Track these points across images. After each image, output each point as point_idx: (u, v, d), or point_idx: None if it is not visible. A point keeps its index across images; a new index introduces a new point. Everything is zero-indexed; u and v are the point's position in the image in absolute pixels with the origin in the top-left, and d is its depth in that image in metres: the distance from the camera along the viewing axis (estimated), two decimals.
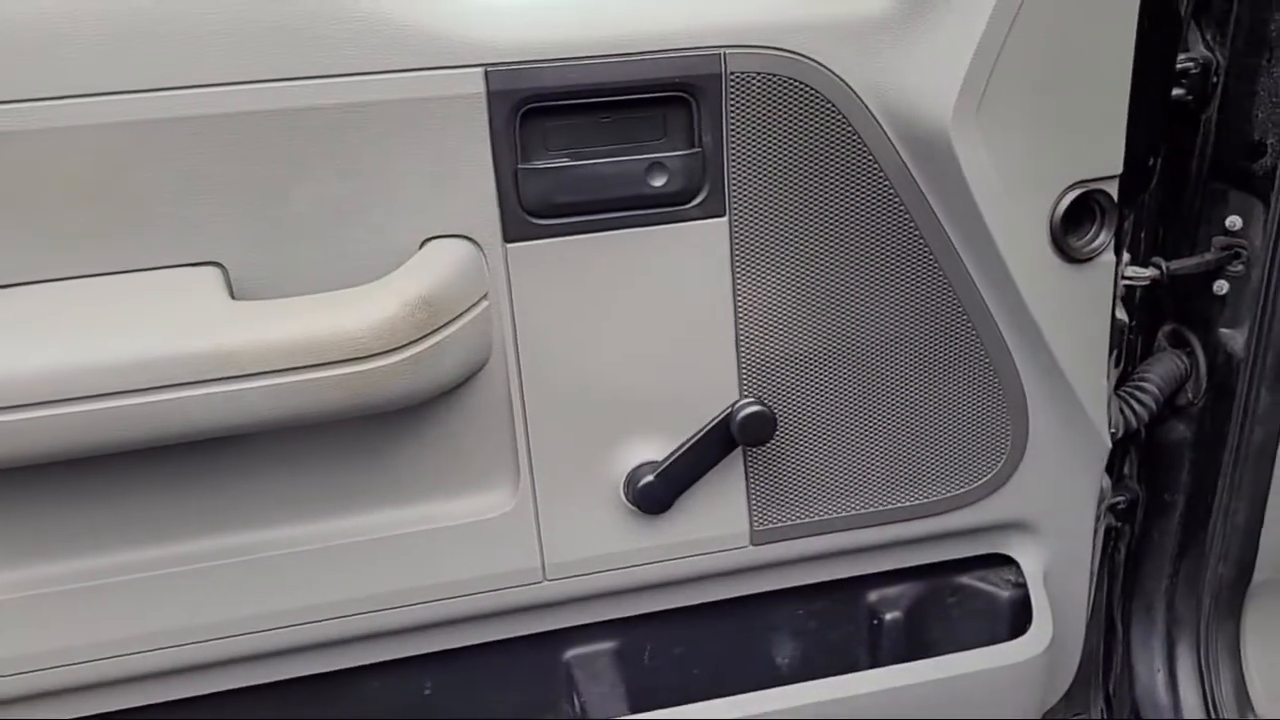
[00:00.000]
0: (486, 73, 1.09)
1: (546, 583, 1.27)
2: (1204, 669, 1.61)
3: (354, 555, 1.22)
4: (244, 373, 1.03)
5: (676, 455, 1.24)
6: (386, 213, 1.12)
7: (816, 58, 1.15)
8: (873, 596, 1.45)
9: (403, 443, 1.21)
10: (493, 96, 1.09)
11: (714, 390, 1.25)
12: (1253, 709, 1.59)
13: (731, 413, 1.23)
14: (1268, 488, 1.51)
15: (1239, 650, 1.61)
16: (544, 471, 1.23)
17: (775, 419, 1.23)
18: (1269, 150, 1.37)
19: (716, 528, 1.30)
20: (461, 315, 1.12)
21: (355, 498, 1.22)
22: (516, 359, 1.19)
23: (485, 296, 1.15)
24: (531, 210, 1.14)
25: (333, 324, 1.05)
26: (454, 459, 1.23)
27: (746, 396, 1.25)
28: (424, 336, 1.07)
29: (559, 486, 1.24)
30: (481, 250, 1.14)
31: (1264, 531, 1.53)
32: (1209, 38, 1.44)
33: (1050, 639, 1.39)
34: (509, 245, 1.15)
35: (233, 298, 1.08)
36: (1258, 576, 1.57)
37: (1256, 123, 1.38)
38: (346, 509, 1.23)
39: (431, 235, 1.13)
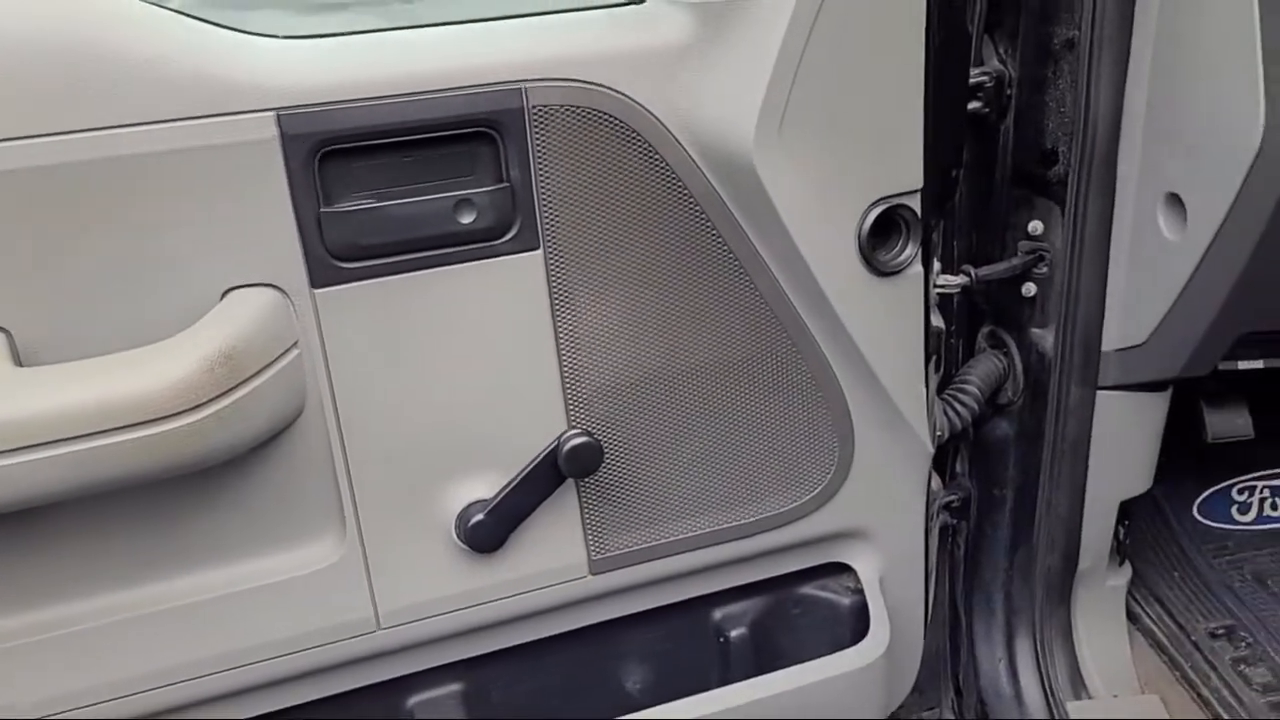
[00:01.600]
0: (279, 117, 1.06)
1: (381, 631, 1.25)
2: (1041, 655, 1.67)
3: (177, 620, 1.17)
4: (36, 442, 0.98)
5: (506, 492, 1.23)
6: (185, 265, 1.08)
7: (618, 88, 1.16)
8: (718, 615, 1.47)
9: (221, 499, 1.17)
10: (287, 141, 1.07)
11: (541, 423, 1.24)
12: (1086, 689, 1.66)
13: (558, 445, 1.23)
14: (1085, 480, 1.58)
15: (1071, 635, 1.68)
16: (371, 518, 1.21)
17: (601, 449, 1.23)
18: (1061, 158, 1.44)
19: (553, 560, 1.29)
20: (269, 367, 1.09)
21: (175, 559, 1.18)
22: (334, 406, 1.16)
23: (295, 345, 1.12)
24: (337, 254, 1.12)
25: (129, 385, 1.01)
26: (275, 512, 1.19)
27: (574, 428, 1.25)
28: (227, 392, 1.04)
29: (387, 532, 1.22)
30: (288, 298, 1.11)
31: (1084, 521, 1.61)
32: (1002, 52, 1.50)
33: (888, 641, 1.42)
34: (317, 291, 1.12)
35: (19, 364, 1.03)
36: (1082, 564, 1.64)
37: (1048, 132, 1.45)
38: (167, 572, 1.18)
39: (233, 285, 1.10)
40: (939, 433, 1.52)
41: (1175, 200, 1.34)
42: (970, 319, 1.68)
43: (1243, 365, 1.45)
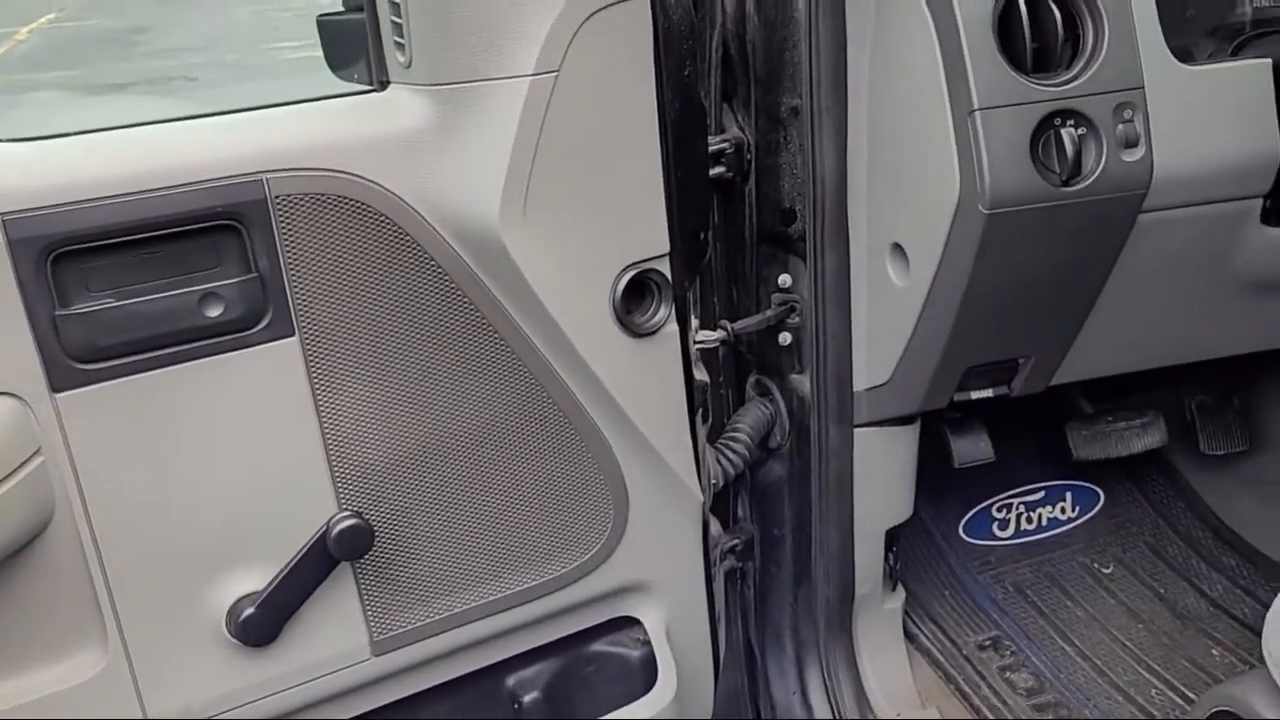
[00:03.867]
0: (4, 222, 1.04)
1: None
2: (828, 682, 1.75)
3: None
4: None
5: (276, 582, 1.21)
6: None
7: (361, 174, 1.18)
8: (511, 681, 1.48)
9: None
10: (14, 246, 1.04)
11: (310, 509, 1.24)
12: (872, 709, 1.75)
13: (327, 530, 1.22)
14: (852, 513, 1.68)
15: (855, 660, 1.77)
16: (134, 624, 1.17)
17: (372, 529, 1.23)
18: (799, 216, 1.54)
19: (333, 645, 1.28)
20: (8, 477, 1.05)
21: None
22: (85, 511, 1.13)
23: (38, 453, 1.09)
24: (78, 356, 1.09)
25: None
26: (29, 626, 1.14)
27: (344, 510, 1.25)
28: None
29: (154, 637, 1.18)
30: (27, 405, 1.08)
31: (856, 552, 1.71)
32: (739, 119, 1.61)
33: (676, 688, 1.47)
34: (57, 395, 1.09)
35: None
36: (859, 592, 1.74)
37: (785, 192, 1.56)
38: None
39: None
40: (714, 481, 1.60)
41: (899, 250, 1.46)
42: (738, 369, 1.77)
43: (975, 395, 1.58)
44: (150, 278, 1.12)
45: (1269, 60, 1.34)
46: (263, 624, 1.21)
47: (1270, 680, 1.13)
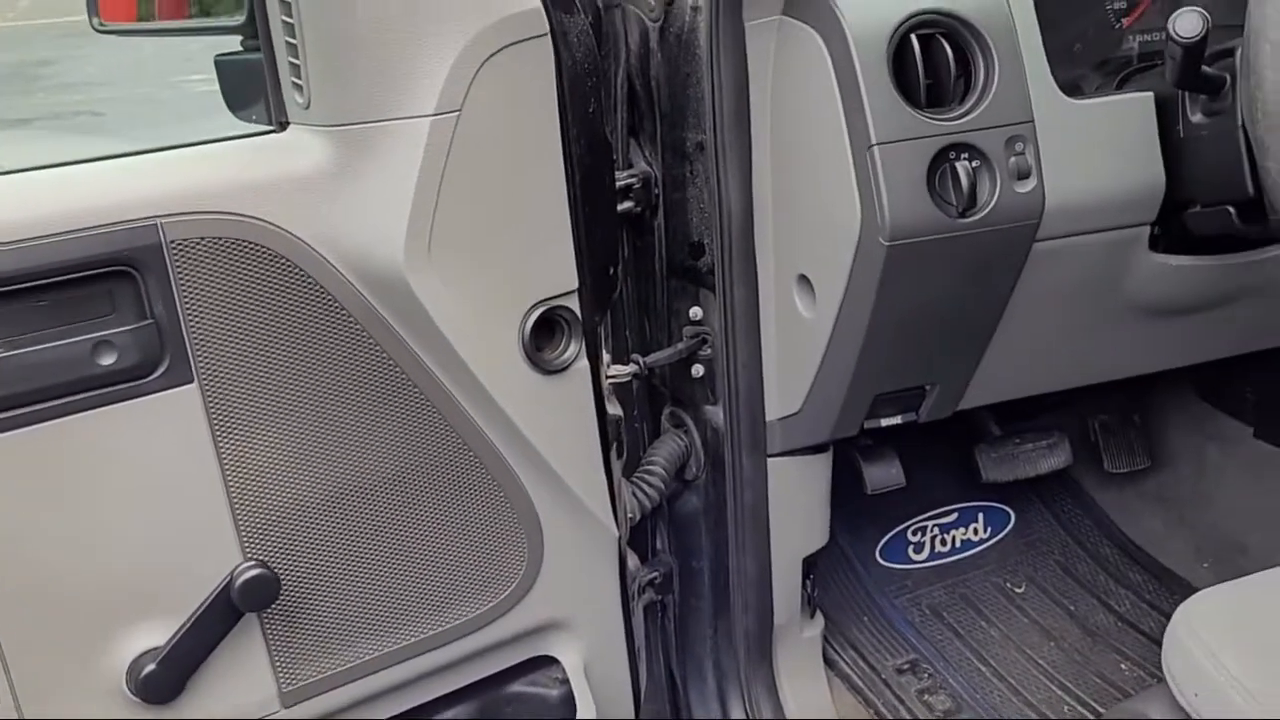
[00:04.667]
0: None
1: None
2: (750, 712, 1.76)
3: None
4: None
5: (178, 637, 1.18)
6: None
7: (261, 216, 1.17)
8: None
9: None
10: None
11: (214, 559, 1.21)
12: None
13: (230, 581, 1.20)
14: (768, 542, 1.69)
15: (776, 689, 1.78)
16: (28, 686, 1.13)
17: (278, 579, 1.21)
18: (707, 249, 1.56)
19: (241, 698, 1.25)
20: None
21: None
22: None
23: None
24: None
25: None
26: None
27: (248, 560, 1.22)
28: None
29: (48, 699, 1.14)
30: None
31: (774, 581, 1.72)
32: (647, 154, 1.62)
33: None
34: None
35: None
36: (778, 621, 1.75)
37: (694, 226, 1.57)
38: None
39: None
40: (631, 515, 1.59)
41: (806, 281, 1.48)
42: (652, 402, 1.78)
43: (885, 423, 1.61)
44: (41, 326, 1.09)
45: (1151, 93, 1.39)
46: (165, 680, 1.17)
47: (1170, 696, 1.16)
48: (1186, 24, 1.15)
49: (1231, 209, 1.32)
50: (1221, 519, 2.03)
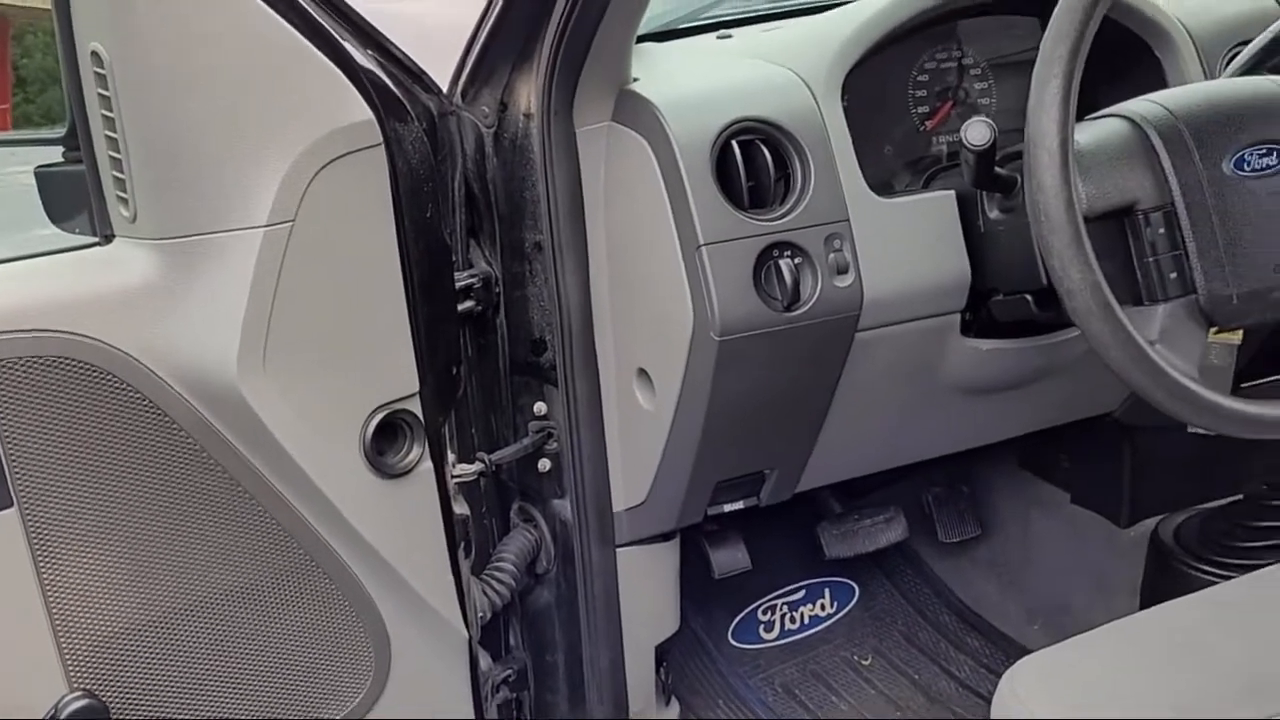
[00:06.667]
0: None
1: None
2: None
3: None
4: None
5: None
6: None
7: (86, 333, 1.14)
8: None
9: None
10: None
11: (37, 691, 1.15)
12: None
13: (55, 714, 1.14)
14: (620, 632, 1.70)
15: None
16: None
17: (105, 707, 1.16)
18: (548, 345, 1.59)
19: None
20: None
21: None
22: None
23: None
24: None
25: None
26: None
27: (75, 690, 1.17)
28: None
29: None
30: None
31: (627, 670, 1.73)
32: (487, 254, 1.65)
33: None
34: None
35: None
36: (632, 711, 1.75)
37: (535, 323, 1.60)
38: None
39: None
40: (482, 614, 1.59)
41: (645, 375, 1.52)
42: (500, 498, 1.78)
43: (728, 508, 1.65)
44: None
45: (952, 192, 1.50)
46: None
47: None
48: (976, 133, 1.25)
49: (1029, 297, 1.43)
50: (1047, 581, 2.15)
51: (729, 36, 1.79)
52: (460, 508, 1.54)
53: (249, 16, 1.15)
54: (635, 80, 1.48)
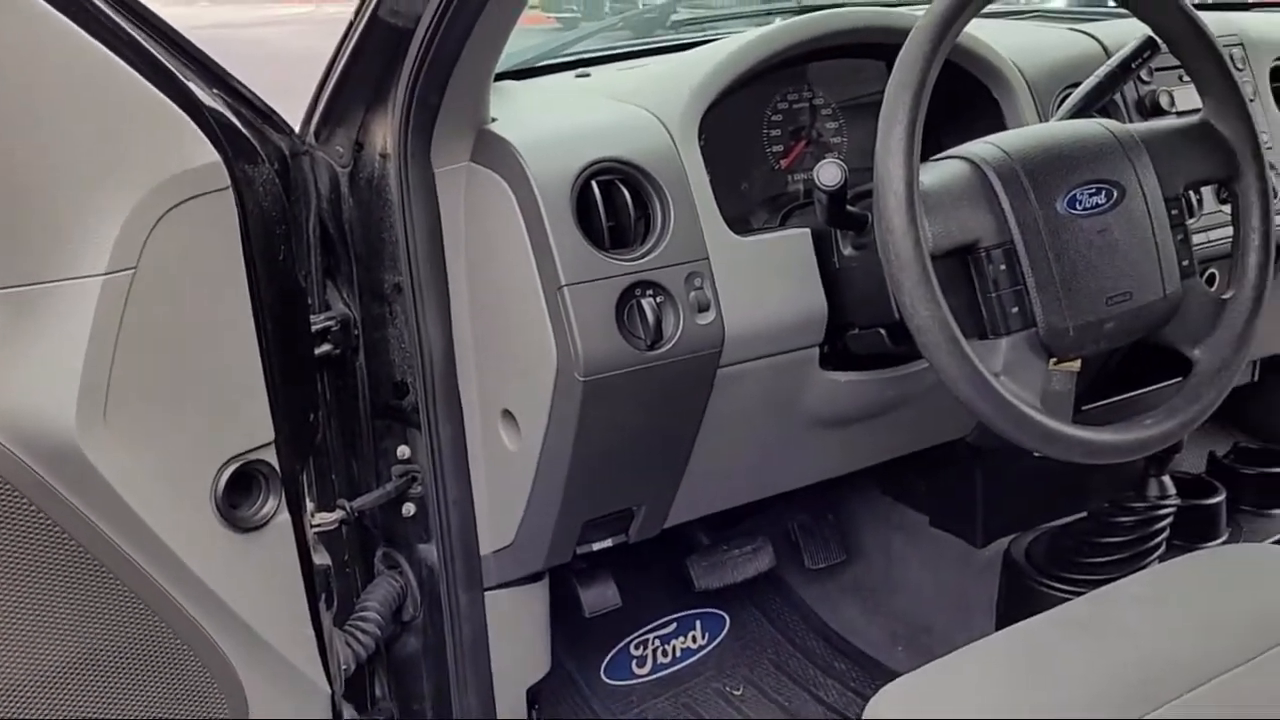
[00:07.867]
0: None
1: None
2: None
3: None
4: None
5: None
6: None
7: None
8: None
9: None
10: None
11: None
12: None
13: None
14: (490, 676, 1.68)
15: None
16: None
17: None
18: (410, 388, 1.56)
19: None
20: None
21: None
22: None
23: None
24: None
25: None
26: None
27: None
28: None
29: None
30: None
31: (498, 715, 1.70)
32: (345, 296, 1.61)
33: None
34: None
35: None
36: None
37: (396, 365, 1.57)
38: None
39: None
40: (345, 666, 1.54)
41: (510, 416, 1.51)
42: (364, 545, 1.74)
43: (596, 547, 1.65)
44: None
45: (808, 229, 1.54)
46: None
47: None
48: (827, 174, 1.29)
49: (884, 331, 1.47)
50: (909, 604, 2.21)
51: (587, 75, 1.81)
52: (321, 558, 1.49)
53: (81, 55, 1.10)
54: (494, 120, 1.48)
